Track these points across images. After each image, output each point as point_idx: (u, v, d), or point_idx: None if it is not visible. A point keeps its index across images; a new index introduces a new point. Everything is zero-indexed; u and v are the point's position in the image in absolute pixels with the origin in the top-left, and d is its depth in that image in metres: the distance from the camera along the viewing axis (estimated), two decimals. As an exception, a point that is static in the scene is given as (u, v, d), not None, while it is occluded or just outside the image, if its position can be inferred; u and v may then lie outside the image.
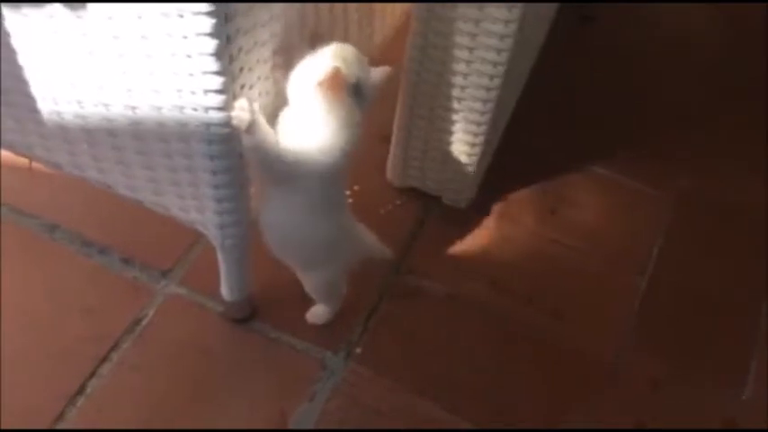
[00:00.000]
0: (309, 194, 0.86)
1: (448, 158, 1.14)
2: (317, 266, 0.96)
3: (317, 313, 1.06)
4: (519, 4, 0.91)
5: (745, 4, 1.68)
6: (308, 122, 0.83)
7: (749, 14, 1.67)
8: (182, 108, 0.78)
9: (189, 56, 0.73)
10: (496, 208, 1.25)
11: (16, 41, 0.82)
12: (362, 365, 1.05)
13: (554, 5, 1.38)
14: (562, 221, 1.25)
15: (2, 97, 0.91)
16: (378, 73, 0.86)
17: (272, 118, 0.84)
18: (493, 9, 0.92)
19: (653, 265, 1.21)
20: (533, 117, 1.35)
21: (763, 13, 1.65)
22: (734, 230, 1.28)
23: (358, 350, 1.06)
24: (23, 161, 1.11)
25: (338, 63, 0.80)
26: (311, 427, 0.98)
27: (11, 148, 1.02)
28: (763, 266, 1.22)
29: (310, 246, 0.92)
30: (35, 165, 1.05)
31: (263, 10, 0.77)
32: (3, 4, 0.78)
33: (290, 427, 0.98)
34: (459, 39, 0.97)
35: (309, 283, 1.00)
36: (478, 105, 1.04)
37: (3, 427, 0.94)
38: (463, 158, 1.13)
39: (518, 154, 1.29)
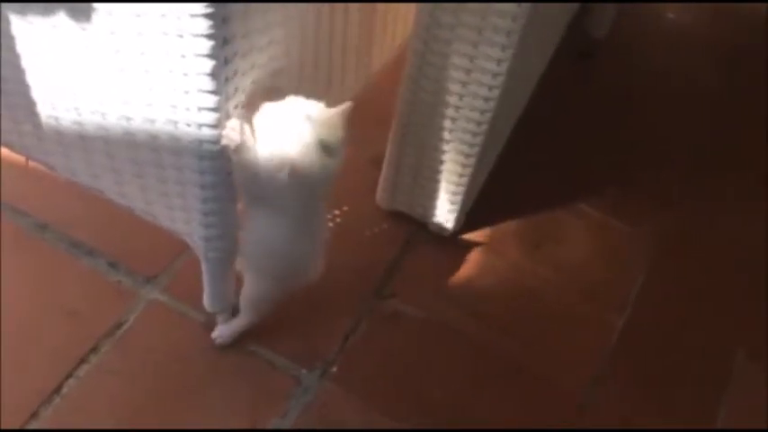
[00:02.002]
0: (290, 213, 0.89)
1: (436, 187, 1.16)
2: (286, 280, 0.98)
3: (233, 329, 1.06)
4: (512, 46, 0.93)
5: (742, 47, 1.72)
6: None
7: (746, 58, 1.70)
8: (176, 123, 0.80)
9: (186, 74, 0.75)
10: (481, 238, 1.27)
11: (20, 47, 0.84)
12: (337, 384, 1.06)
13: (551, 45, 1.41)
14: (545, 256, 1.27)
15: (2, 99, 0.94)
16: (335, 113, 0.84)
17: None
18: (486, 48, 0.94)
19: (631, 304, 1.23)
20: (524, 152, 1.37)
21: (760, 55, 1.68)
22: (714, 273, 1.30)
23: (334, 369, 1.08)
24: (20, 159, 1.13)
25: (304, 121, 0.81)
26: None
27: (8, 146, 1.04)
28: (739, 311, 1.25)
29: (288, 260, 0.94)
30: (31, 164, 1.07)
31: (263, 35, 0.79)
32: (9, 11, 0.80)
33: (261, 440, 1.00)
34: (452, 73, 0.99)
35: (264, 293, 1.01)
36: (468, 137, 1.07)
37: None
38: (451, 188, 1.15)
39: (506, 187, 1.32)
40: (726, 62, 1.70)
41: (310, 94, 0.84)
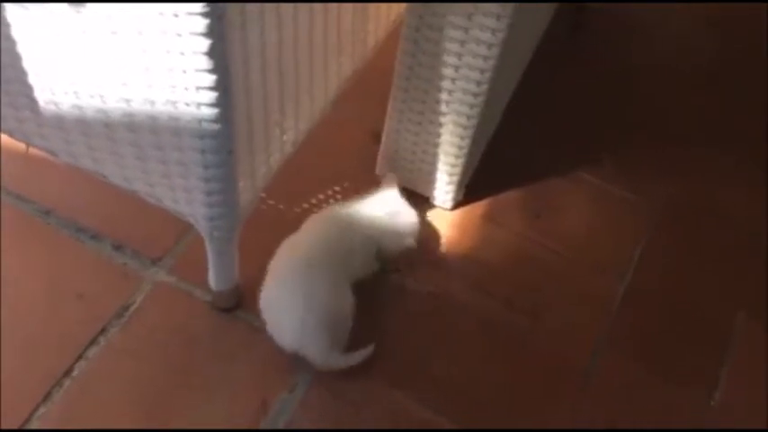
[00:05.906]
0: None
1: (436, 160, 1.17)
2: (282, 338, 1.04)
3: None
4: (507, 16, 0.93)
5: (739, 17, 1.71)
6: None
7: (743, 27, 1.69)
8: (175, 103, 0.81)
9: (182, 53, 0.75)
10: (482, 210, 1.28)
11: (16, 33, 0.84)
12: (343, 358, 1.08)
13: (546, 16, 1.40)
14: (546, 225, 1.28)
15: (1, 86, 0.94)
16: None
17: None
18: (481, 18, 0.95)
19: (632, 271, 1.24)
20: (522, 122, 1.37)
21: (757, 26, 1.68)
22: (714, 240, 1.31)
23: (339, 343, 1.09)
24: (21, 146, 1.13)
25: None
26: (288, 415, 1.02)
27: (8, 133, 1.04)
28: (740, 277, 1.26)
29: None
30: (33, 150, 1.08)
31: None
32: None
33: (270, 414, 1.01)
34: (448, 45, 1.00)
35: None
36: (466, 109, 1.07)
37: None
38: (451, 160, 1.16)
39: (506, 158, 1.32)
40: (722, 27, 1.69)
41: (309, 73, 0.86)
